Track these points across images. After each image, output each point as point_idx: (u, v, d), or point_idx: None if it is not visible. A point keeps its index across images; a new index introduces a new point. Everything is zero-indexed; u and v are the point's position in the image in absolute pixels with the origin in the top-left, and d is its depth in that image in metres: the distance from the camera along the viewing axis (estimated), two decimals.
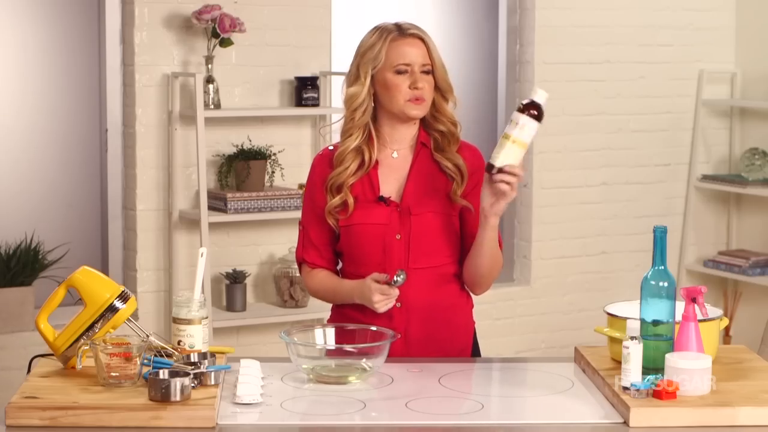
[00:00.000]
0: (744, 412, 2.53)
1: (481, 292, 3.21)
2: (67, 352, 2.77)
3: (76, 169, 5.59)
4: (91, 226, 5.56)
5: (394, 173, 3.16)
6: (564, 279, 6.13)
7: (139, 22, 5.14)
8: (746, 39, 6.34)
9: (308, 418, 2.64)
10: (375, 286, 3.04)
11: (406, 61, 3.09)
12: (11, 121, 5.53)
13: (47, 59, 5.55)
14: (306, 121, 5.51)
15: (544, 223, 6.05)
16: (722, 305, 6.23)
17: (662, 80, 6.25)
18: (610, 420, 2.57)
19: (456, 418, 2.62)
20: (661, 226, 2.73)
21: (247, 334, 5.38)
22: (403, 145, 3.18)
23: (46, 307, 2.83)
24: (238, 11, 5.21)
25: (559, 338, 6.04)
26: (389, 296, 3.05)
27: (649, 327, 2.71)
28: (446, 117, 3.16)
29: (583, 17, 6.03)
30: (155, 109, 5.21)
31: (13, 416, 2.50)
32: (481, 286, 3.18)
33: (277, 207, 5.24)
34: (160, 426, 2.49)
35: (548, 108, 6.36)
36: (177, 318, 2.82)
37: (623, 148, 6.20)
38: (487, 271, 3.13)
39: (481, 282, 3.16)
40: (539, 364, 3.14)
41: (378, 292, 3.04)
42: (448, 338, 3.17)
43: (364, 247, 3.13)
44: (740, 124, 6.41)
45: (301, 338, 2.92)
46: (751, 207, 6.37)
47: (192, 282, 2.87)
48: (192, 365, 2.69)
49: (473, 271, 3.14)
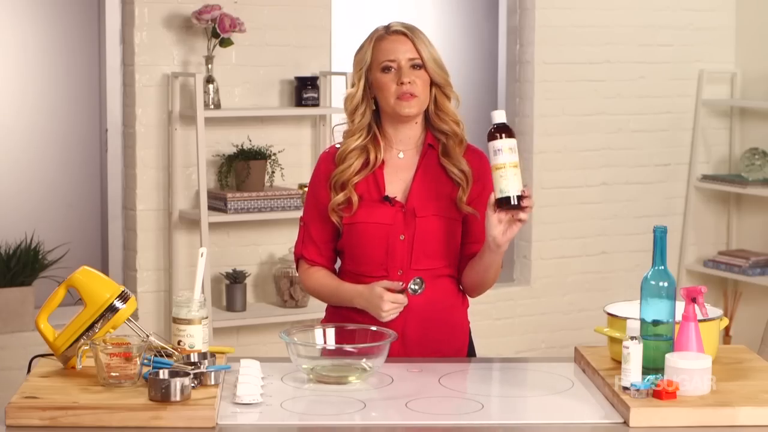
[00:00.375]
0: (744, 412, 2.53)
1: (478, 296, 3.23)
2: (67, 352, 2.77)
3: (76, 169, 5.59)
4: (91, 226, 5.56)
5: (400, 174, 3.16)
6: (564, 279, 6.13)
7: (139, 22, 5.14)
8: (746, 39, 6.34)
9: (308, 418, 2.63)
10: (388, 295, 3.03)
11: (390, 57, 3.09)
12: (11, 121, 5.53)
13: (47, 59, 5.55)
14: (306, 121, 5.51)
15: (544, 223, 6.05)
16: (722, 305, 6.23)
17: (662, 80, 6.25)
18: (610, 420, 2.57)
19: (456, 418, 2.62)
20: (661, 226, 2.73)
21: (247, 334, 5.38)
22: (409, 145, 3.17)
23: (46, 307, 2.83)
24: (238, 11, 5.21)
25: (559, 338, 6.04)
26: (399, 305, 3.05)
27: (649, 327, 2.71)
28: (449, 116, 3.14)
29: (583, 17, 6.03)
30: (155, 109, 5.21)
31: (13, 416, 2.50)
32: (480, 293, 3.21)
33: (277, 207, 5.24)
34: (160, 426, 2.49)
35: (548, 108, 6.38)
36: (177, 318, 2.82)
37: (623, 148, 6.20)
38: (489, 283, 3.17)
39: (481, 290, 3.20)
40: (539, 364, 3.14)
41: (390, 299, 3.03)
42: (445, 339, 3.17)
43: (366, 245, 3.12)
44: (740, 124, 6.41)
45: (301, 338, 2.92)
46: (751, 207, 6.37)
47: (192, 282, 2.87)
48: (192, 365, 2.69)
49: (475, 283, 3.15)
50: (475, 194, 3.12)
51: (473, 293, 3.21)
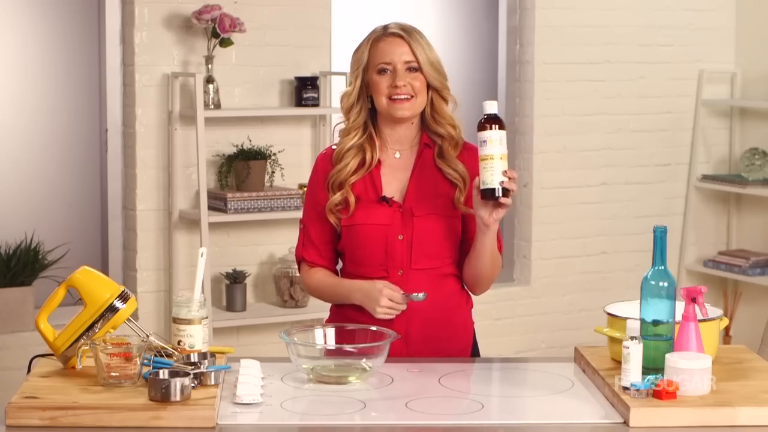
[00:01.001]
0: (744, 412, 2.53)
1: (481, 292, 3.21)
2: (67, 352, 2.77)
3: (76, 169, 5.58)
4: (91, 226, 5.56)
5: (396, 174, 3.16)
6: (564, 279, 6.12)
7: (139, 22, 5.14)
8: (746, 39, 6.34)
9: (308, 418, 2.64)
10: (388, 292, 3.03)
11: (386, 60, 3.10)
12: (11, 121, 5.53)
13: (47, 59, 5.54)
14: (306, 121, 5.51)
15: (544, 223, 6.05)
16: (722, 305, 6.23)
17: (662, 80, 6.25)
18: (610, 420, 2.57)
19: (456, 418, 2.62)
20: (661, 226, 2.73)
21: (247, 334, 5.38)
22: (405, 145, 3.18)
23: (46, 307, 2.83)
24: (238, 11, 5.21)
25: (559, 338, 6.04)
26: (396, 308, 3.05)
27: (649, 327, 2.71)
28: (445, 119, 3.15)
29: (583, 17, 6.03)
30: (155, 109, 5.21)
31: (13, 416, 2.50)
32: (482, 286, 3.19)
33: (277, 207, 5.24)
34: (160, 426, 2.49)
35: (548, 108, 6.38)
36: (177, 318, 2.82)
37: (623, 148, 6.19)
38: (488, 274, 3.14)
39: (482, 283, 3.17)
40: (539, 364, 3.14)
41: (388, 297, 3.03)
42: (447, 338, 3.16)
43: (366, 247, 3.13)
44: (740, 124, 6.40)
45: (301, 338, 2.92)
46: (751, 207, 6.37)
47: (192, 282, 2.87)
48: (192, 365, 2.69)
49: (474, 273, 3.14)
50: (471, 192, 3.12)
51: (475, 288, 3.19)
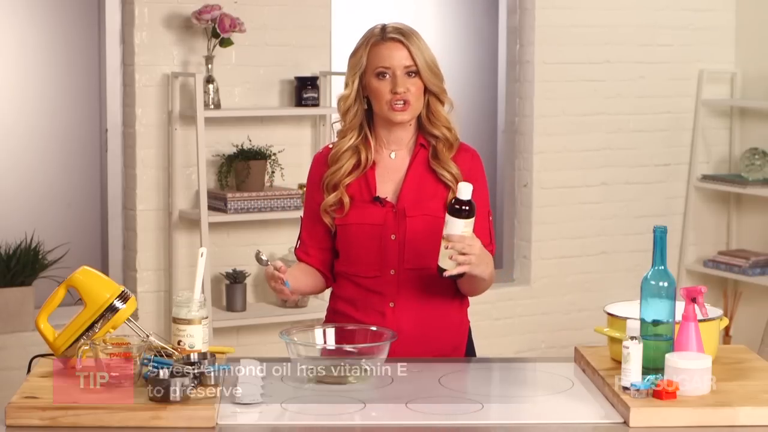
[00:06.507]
0: (744, 412, 2.53)
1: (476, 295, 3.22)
2: (67, 352, 2.77)
3: (76, 169, 5.58)
4: (91, 226, 5.56)
5: (391, 174, 3.17)
6: (564, 279, 6.12)
7: (139, 22, 5.14)
8: (746, 39, 6.34)
9: (308, 418, 2.63)
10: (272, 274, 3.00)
11: (386, 64, 3.10)
12: (11, 121, 5.53)
13: (47, 59, 5.54)
14: (306, 121, 5.51)
15: (544, 223, 6.05)
16: (722, 305, 6.23)
17: (662, 80, 6.25)
18: (610, 420, 2.57)
19: (456, 418, 2.62)
20: (661, 226, 2.73)
21: (247, 334, 5.38)
22: (401, 146, 3.18)
23: (46, 307, 2.83)
24: (238, 11, 5.21)
25: (559, 338, 6.04)
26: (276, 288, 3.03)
27: (649, 327, 2.71)
28: (441, 121, 3.15)
29: (583, 17, 6.03)
30: (155, 109, 5.21)
31: (13, 416, 2.50)
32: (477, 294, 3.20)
33: (277, 207, 5.24)
34: (160, 426, 2.49)
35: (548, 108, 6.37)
36: (177, 318, 2.83)
37: (623, 148, 6.20)
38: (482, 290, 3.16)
39: (476, 292, 3.19)
40: (539, 364, 3.14)
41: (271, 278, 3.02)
42: (440, 337, 3.16)
43: (358, 247, 3.14)
44: (740, 124, 6.41)
45: (301, 338, 2.92)
46: (751, 207, 6.37)
47: (192, 282, 2.87)
48: (192, 365, 2.69)
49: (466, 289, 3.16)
50: None
51: (471, 295, 3.21)
